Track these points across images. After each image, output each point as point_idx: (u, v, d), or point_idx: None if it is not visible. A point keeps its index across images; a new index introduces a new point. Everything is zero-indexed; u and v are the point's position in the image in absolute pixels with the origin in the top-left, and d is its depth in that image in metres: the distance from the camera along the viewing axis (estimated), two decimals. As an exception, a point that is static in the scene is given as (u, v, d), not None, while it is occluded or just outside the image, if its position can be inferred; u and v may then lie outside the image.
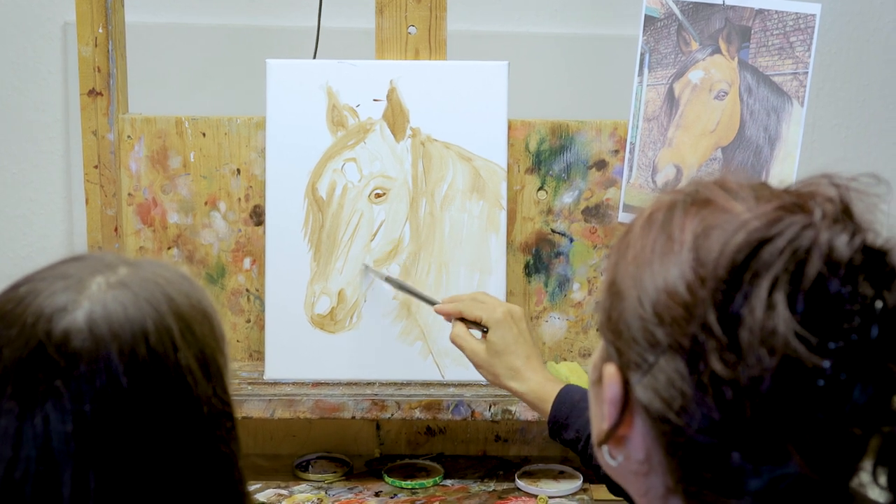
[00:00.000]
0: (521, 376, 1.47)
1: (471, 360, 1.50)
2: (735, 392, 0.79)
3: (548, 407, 1.45)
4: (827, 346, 0.78)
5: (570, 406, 1.43)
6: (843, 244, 0.79)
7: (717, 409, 0.80)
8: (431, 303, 1.60)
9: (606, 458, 0.90)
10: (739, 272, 0.80)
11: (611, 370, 0.87)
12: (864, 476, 0.83)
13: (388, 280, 1.70)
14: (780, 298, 0.78)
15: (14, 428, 0.83)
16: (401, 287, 1.69)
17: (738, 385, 0.79)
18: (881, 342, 0.78)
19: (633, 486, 0.90)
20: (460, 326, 1.51)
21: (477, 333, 1.51)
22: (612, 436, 0.87)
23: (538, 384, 1.47)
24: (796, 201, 0.83)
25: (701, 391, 0.80)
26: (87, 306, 0.86)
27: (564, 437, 1.44)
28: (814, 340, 0.78)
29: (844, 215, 0.81)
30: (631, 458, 0.88)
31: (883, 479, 0.81)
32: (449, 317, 1.54)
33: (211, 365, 0.89)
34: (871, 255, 0.80)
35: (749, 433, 0.79)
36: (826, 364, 0.77)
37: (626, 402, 0.86)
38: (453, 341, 1.52)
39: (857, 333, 0.78)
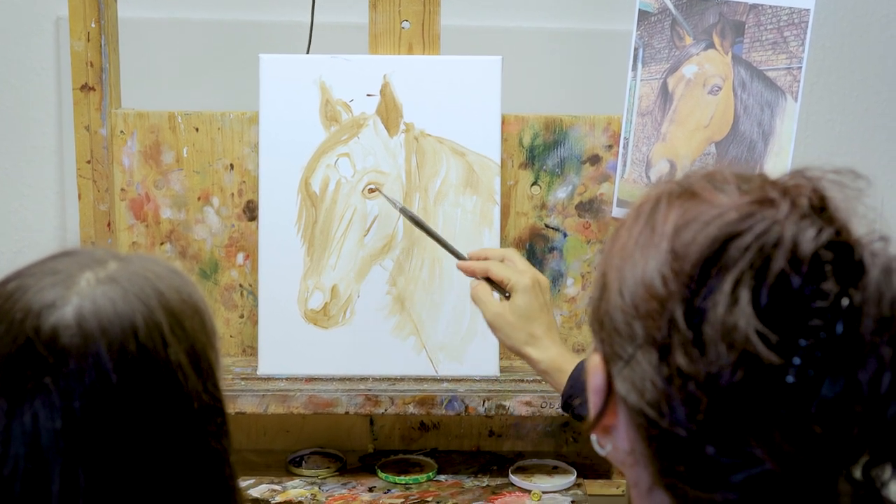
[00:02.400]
0: (541, 344, 1.46)
1: (490, 322, 1.49)
2: (697, 386, 0.79)
3: (563, 378, 1.44)
4: (789, 343, 0.77)
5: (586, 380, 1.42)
6: (808, 240, 0.78)
7: (682, 404, 0.80)
8: (457, 256, 1.57)
9: (596, 446, 0.90)
10: (707, 266, 0.80)
11: (595, 360, 0.87)
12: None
13: (403, 212, 1.67)
14: (743, 294, 0.78)
15: (3, 425, 0.83)
16: (419, 225, 1.65)
17: (698, 380, 0.79)
18: (847, 339, 0.77)
19: (626, 476, 0.91)
20: (483, 286, 1.50)
21: (496, 295, 1.50)
22: (597, 425, 0.88)
23: (558, 353, 1.46)
24: (772, 195, 0.82)
25: (670, 385, 0.80)
26: (75, 302, 0.85)
27: (578, 412, 1.43)
28: (773, 338, 0.77)
29: (815, 210, 0.81)
30: (618, 448, 0.88)
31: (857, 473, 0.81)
32: (473, 275, 1.52)
33: (202, 360, 0.89)
34: (839, 251, 0.79)
35: (716, 428, 0.79)
36: (796, 361, 0.77)
37: (610, 392, 0.86)
38: (474, 299, 1.50)
39: (823, 331, 0.77)
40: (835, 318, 0.77)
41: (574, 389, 1.43)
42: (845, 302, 0.78)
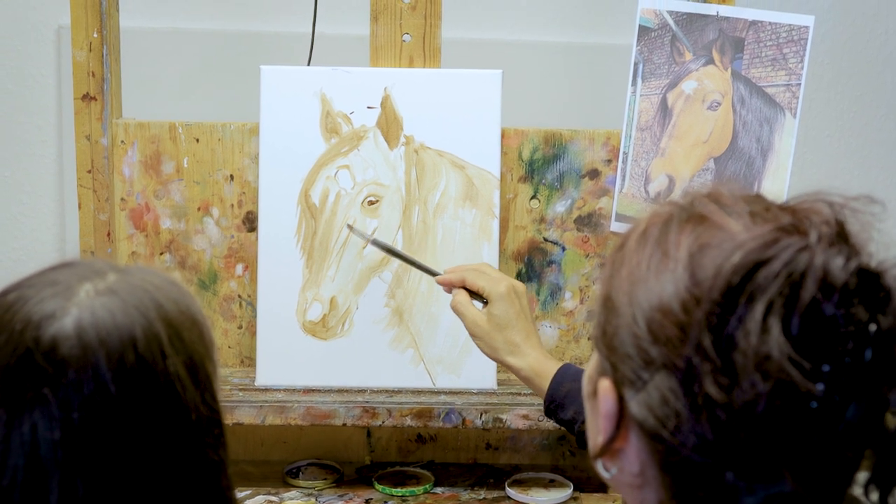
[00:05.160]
0: (520, 352, 1.47)
1: (470, 330, 1.50)
2: (729, 415, 0.79)
3: (545, 384, 1.44)
4: (820, 369, 0.78)
5: (568, 385, 1.42)
6: (838, 268, 0.79)
7: (710, 431, 0.80)
8: (432, 273, 1.57)
9: (600, 470, 0.90)
10: (735, 294, 0.80)
11: (605, 385, 0.86)
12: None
13: (375, 243, 1.66)
14: (774, 322, 0.78)
15: (1, 436, 0.83)
16: (392, 252, 1.65)
17: (731, 408, 0.79)
18: (874, 365, 0.78)
19: (628, 497, 0.91)
20: (463, 294, 1.50)
21: (478, 304, 1.51)
22: (607, 450, 0.87)
23: (536, 360, 1.46)
24: (793, 222, 0.82)
25: (695, 412, 0.80)
26: (75, 313, 0.86)
27: (561, 417, 1.44)
28: (808, 365, 0.78)
29: (840, 237, 0.81)
30: (625, 470, 0.88)
31: (875, 496, 0.81)
32: (451, 287, 1.52)
33: (200, 372, 0.89)
34: (866, 278, 0.80)
35: (743, 454, 0.79)
36: (820, 387, 0.77)
37: (621, 416, 0.86)
38: (454, 309, 1.51)
39: (851, 356, 0.78)
40: (864, 344, 0.78)
41: (556, 394, 1.43)
42: (873, 328, 0.79)
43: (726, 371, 0.79)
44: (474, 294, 1.51)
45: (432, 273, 1.58)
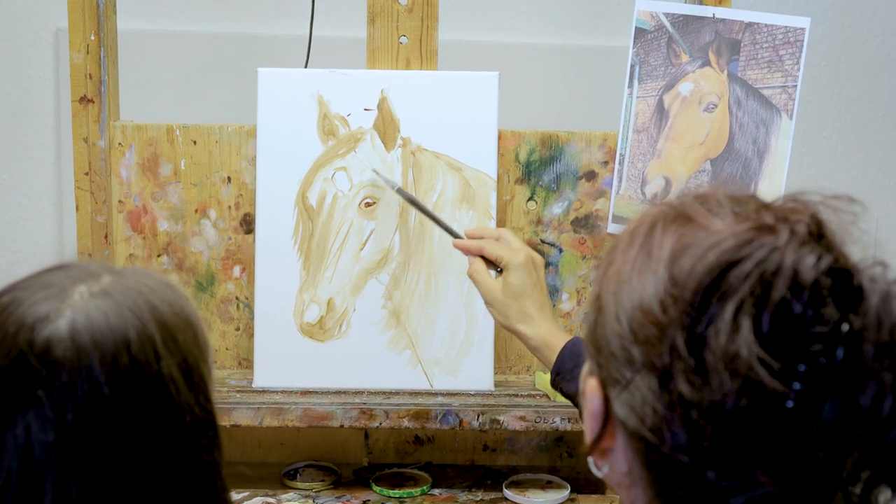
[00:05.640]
0: (532, 321, 1.48)
1: (485, 297, 1.51)
2: (700, 414, 0.79)
3: (553, 355, 1.46)
4: (791, 369, 0.78)
5: (575, 358, 1.43)
6: (808, 267, 0.79)
7: (684, 430, 0.80)
8: (453, 234, 1.59)
9: (593, 468, 0.91)
10: (708, 294, 0.80)
11: (592, 384, 0.87)
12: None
13: (400, 192, 1.68)
14: (744, 322, 0.78)
15: (-5, 438, 0.84)
16: (414, 204, 1.67)
17: (702, 407, 0.79)
18: (847, 364, 0.78)
19: (621, 495, 0.91)
20: (480, 263, 1.52)
21: (492, 272, 1.52)
22: (594, 448, 0.88)
23: (547, 331, 1.48)
24: (770, 221, 0.82)
25: (671, 411, 0.80)
26: (69, 315, 0.86)
27: (566, 390, 1.45)
28: (776, 365, 0.77)
29: (814, 237, 0.81)
30: (615, 469, 0.88)
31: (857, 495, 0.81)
32: (469, 253, 1.54)
33: (194, 373, 0.90)
34: (839, 277, 0.80)
35: (718, 454, 0.80)
36: (797, 386, 0.77)
37: (608, 416, 0.86)
38: (471, 277, 1.52)
39: (823, 356, 0.78)
40: (835, 344, 0.78)
41: (563, 366, 1.44)
42: (845, 327, 0.78)
43: (698, 370, 0.79)
44: (490, 263, 1.52)
45: (453, 234, 1.59)
